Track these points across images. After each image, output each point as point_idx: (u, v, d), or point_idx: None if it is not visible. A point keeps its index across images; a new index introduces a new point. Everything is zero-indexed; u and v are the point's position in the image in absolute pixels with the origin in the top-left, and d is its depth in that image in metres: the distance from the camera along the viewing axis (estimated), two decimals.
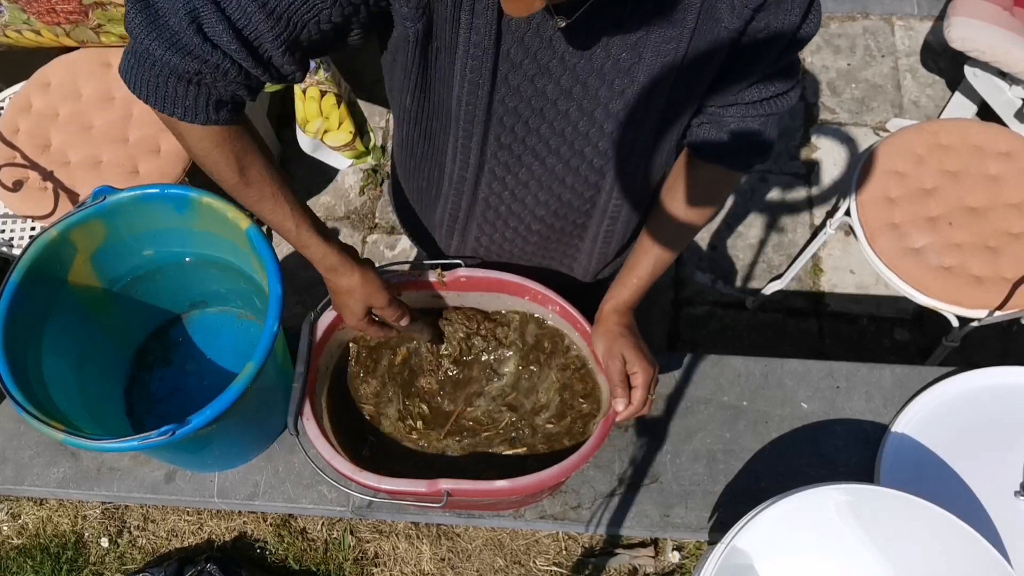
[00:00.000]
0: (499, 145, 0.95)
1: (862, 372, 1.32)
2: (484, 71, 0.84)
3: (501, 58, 0.83)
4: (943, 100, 2.53)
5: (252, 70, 0.77)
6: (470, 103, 0.88)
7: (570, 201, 1.04)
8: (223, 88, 0.78)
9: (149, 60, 0.75)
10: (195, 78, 0.76)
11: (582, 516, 1.22)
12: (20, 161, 1.77)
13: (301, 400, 0.99)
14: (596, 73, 0.86)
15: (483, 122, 0.91)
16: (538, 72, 0.85)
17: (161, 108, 0.78)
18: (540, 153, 0.96)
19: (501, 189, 1.02)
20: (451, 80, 0.86)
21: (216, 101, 0.79)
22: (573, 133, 0.93)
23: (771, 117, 0.96)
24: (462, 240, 1.14)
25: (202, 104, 0.79)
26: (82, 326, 1.18)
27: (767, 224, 2.36)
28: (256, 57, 0.75)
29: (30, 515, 1.96)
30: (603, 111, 0.90)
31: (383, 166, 2.43)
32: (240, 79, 0.77)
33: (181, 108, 0.78)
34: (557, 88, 0.87)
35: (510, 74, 0.85)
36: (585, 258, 1.18)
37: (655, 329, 2.20)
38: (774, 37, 0.83)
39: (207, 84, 0.77)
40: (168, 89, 0.77)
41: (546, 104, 0.89)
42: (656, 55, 0.83)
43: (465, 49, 0.81)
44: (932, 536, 1.02)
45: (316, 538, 1.89)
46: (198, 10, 0.72)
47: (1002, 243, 1.58)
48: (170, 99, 0.77)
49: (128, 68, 0.77)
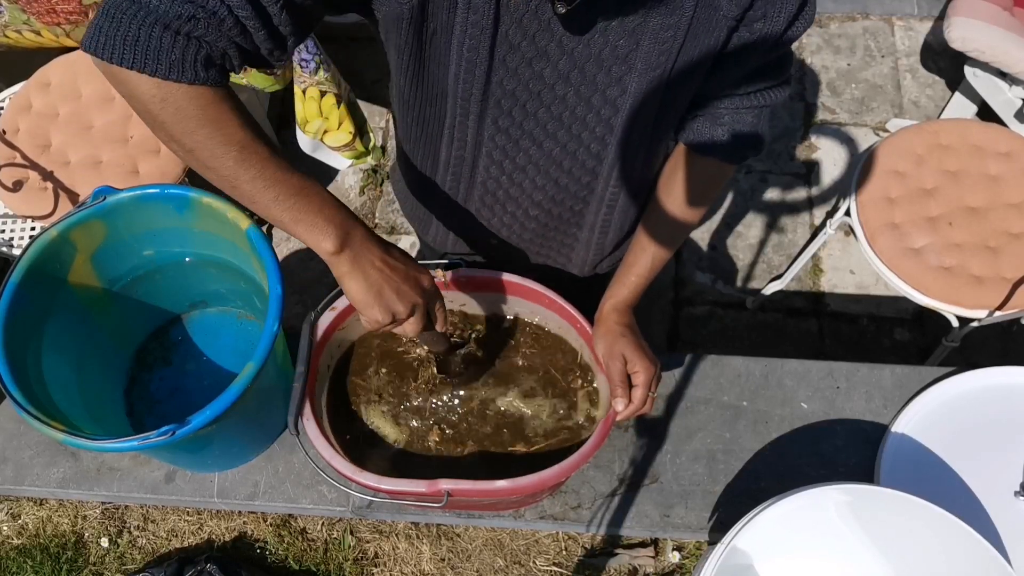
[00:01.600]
0: (496, 128, 0.95)
1: (862, 372, 1.32)
2: (481, 51, 0.83)
3: (499, 39, 0.82)
4: (943, 100, 2.53)
5: (245, 20, 0.70)
6: (467, 82, 0.87)
7: (567, 186, 1.05)
8: (213, 43, 0.71)
9: (131, 11, 0.68)
10: (184, 27, 0.68)
11: (582, 516, 1.22)
12: (20, 161, 1.77)
13: (301, 400, 0.99)
14: (594, 59, 0.86)
15: (479, 103, 0.90)
16: (536, 55, 0.85)
17: (142, 65, 0.68)
18: (538, 137, 0.96)
19: (499, 173, 1.02)
20: (447, 60, 0.85)
21: (205, 57, 0.71)
22: (570, 118, 0.93)
23: (764, 109, 0.97)
24: (461, 227, 1.14)
25: (190, 59, 0.69)
26: (82, 326, 1.18)
27: (767, 224, 2.36)
28: (253, 5, 0.70)
29: (30, 515, 1.96)
30: (600, 97, 0.90)
31: (383, 166, 2.43)
32: (234, 32, 0.71)
33: (166, 63, 0.69)
34: (555, 72, 0.87)
35: (508, 56, 0.84)
36: (583, 249, 1.18)
37: (655, 329, 2.20)
38: (770, 26, 0.84)
39: (196, 37, 0.70)
40: (152, 42, 0.68)
41: (543, 88, 0.89)
42: (654, 42, 0.83)
43: (463, 28, 0.81)
44: (932, 536, 1.02)
45: (316, 538, 1.89)
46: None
47: (1002, 243, 1.58)
48: (152, 53, 0.68)
49: (99, 30, 0.69)
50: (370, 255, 0.82)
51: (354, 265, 0.81)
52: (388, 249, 0.85)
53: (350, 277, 0.82)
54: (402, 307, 0.84)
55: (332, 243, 0.79)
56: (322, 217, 0.79)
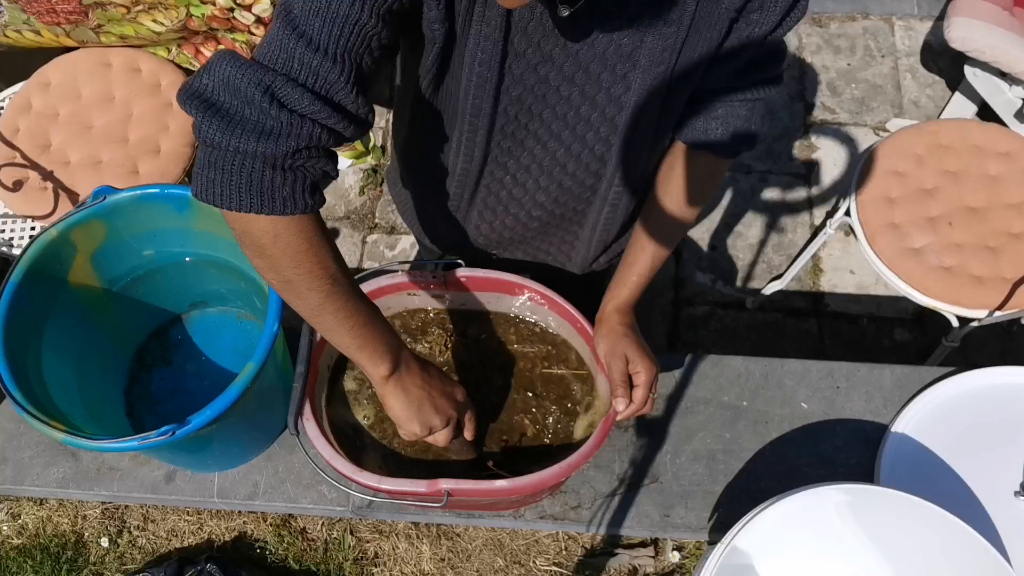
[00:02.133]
0: (503, 134, 0.95)
1: (862, 372, 1.32)
2: (493, 64, 0.84)
3: (507, 50, 0.83)
4: (943, 100, 2.53)
5: (335, 126, 0.75)
6: (477, 96, 0.88)
7: (571, 188, 1.05)
8: (314, 165, 0.76)
9: (239, 160, 0.72)
10: (289, 161, 0.73)
11: (582, 516, 1.22)
12: (20, 161, 1.77)
13: (301, 400, 0.99)
14: (598, 58, 0.86)
15: (489, 115, 0.91)
16: (541, 60, 0.85)
17: (259, 208, 0.74)
18: (542, 137, 0.97)
19: (503, 174, 1.03)
20: (459, 74, 0.86)
21: (311, 185, 0.77)
22: (575, 117, 0.94)
23: (758, 102, 0.97)
24: (463, 227, 1.14)
25: (299, 191, 0.75)
26: (82, 326, 1.18)
27: (767, 224, 2.37)
28: (335, 107, 0.74)
29: (30, 515, 1.96)
30: (605, 95, 0.91)
31: (383, 166, 2.43)
32: (330, 143, 0.76)
33: (280, 201, 0.74)
34: (560, 75, 0.88)
35: (514, 63, 0.85)
36: (583, 246, 1.18)
37: (655, 329, 2.20)
38: (766, 15, 0.85)
39: (300, 167, 0.75)
40: (264, 183, 0.73)
41: (548, 90, 0.90)
42: (658, 38, 0.84)
43: (476, 42, 0.82)
44: (932, 536, 1.02)
45: (316, 538, 1.90)
46: (270, 86, 0.71)
47: (1002, 243, 1.58)
48: (267, 194, 0.73)
49: (210, 183, 0.73)
50: (413, 376, 0.91)
51: (398, 386, 0.90)
52: (427, 368, 0.94)
53: (394, 396, 0.90)
54: (437, 420, 0.93)
55: (387, 368, 0.88)
56: (382, 344, 0.87)
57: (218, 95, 0.71)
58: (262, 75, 0.71)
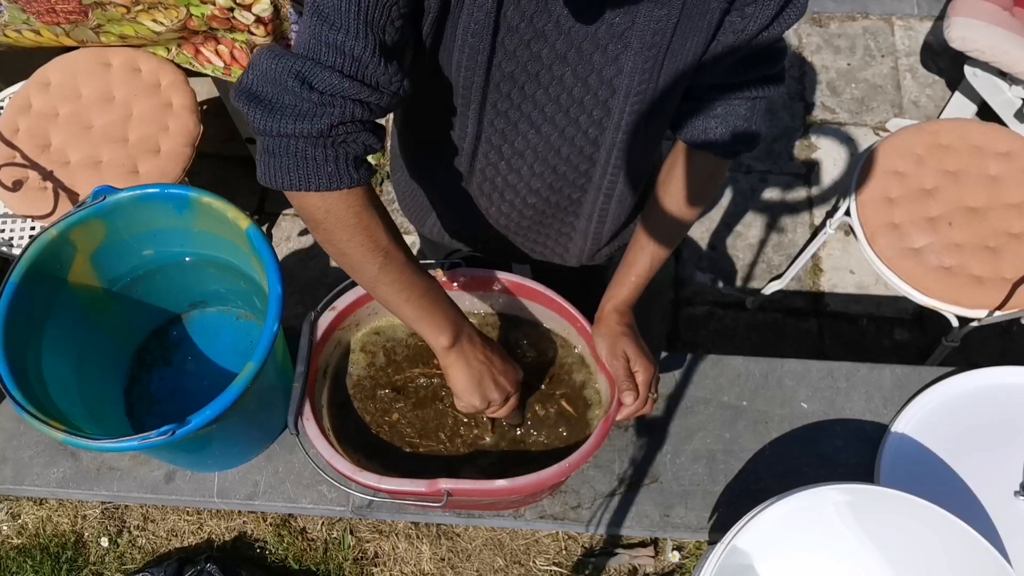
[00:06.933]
0: (496, 112, 0.95)
1: (862, 372, 1.32)
2: (485, 35, 0.84)
3: (500, 22, 0.84)
4: (943, 100, 2.53)
5: (367, 99, 0.79)
6: (469, 68, 0.88)
7: (565, 174, 1.05)
8: (355, 139, 0.81)
9: (284, 143, 0.79)
10: (329, 139, 0.79)
11: (582, 516, 1.22)
12: (20, 161, 1.77)
13: (301, 400, 0.99)
14: (590, 38, 0.86)
15: (481, 88, 0.91)
16: (534, 36, 0.86)
17: (307, 185, 0.80)
18: (535, 121, 0.97)
19: (497, 159, 1.03)
20: (452, 46, 0.87)
21: (354, 158, 0.82)
22: (568, 99, 0.94)
23: (757, 101, 0.98)
24: (458, 217, 1.14)
25: (343, 166, 0.81)
26: (82, 326, 1.18)
27: (767, 224, 2.37)
28: (363, 82, 0.78)
29: (30, 515, 1.96)
30: (597, 77, 0.91)
31: (383, 166, 2.43)
32: (366, 116, 0.80)
33: (325, 177, 0.80)
34: (552, 52, 0.88)
35: (506, 38, 0.85)
36: (580, 238, 1.18)
37: (655, 329, 2.20)
38: (760, 10, 0.85)
39: (342, 143, 0.80)
40: (309, 162, 0.79)
41: (541, 69, 0.90)
42: (649, 20, 0.84)
43: (469, 12, 0.82)
44: (932, 536, 1.02)
45: (316, 538, 1.90)
46: (301, 72, 0.76)
47: (1002, 243, 1.58)
48: (313, 171, 0.80)
49: (267, 168, 0.81)
50: (475, 349, 0.95)
51: (460, 357, 0.94)
52: (489, 343, 0.97)
53: (456, 367, 0.94)
54: (497, 395, 0.96)
55: (448, 339, 0.92)
56: (442, 316, 0.92)
57: (260, 87, 0.78)
58: (293, 62, 0.77)
